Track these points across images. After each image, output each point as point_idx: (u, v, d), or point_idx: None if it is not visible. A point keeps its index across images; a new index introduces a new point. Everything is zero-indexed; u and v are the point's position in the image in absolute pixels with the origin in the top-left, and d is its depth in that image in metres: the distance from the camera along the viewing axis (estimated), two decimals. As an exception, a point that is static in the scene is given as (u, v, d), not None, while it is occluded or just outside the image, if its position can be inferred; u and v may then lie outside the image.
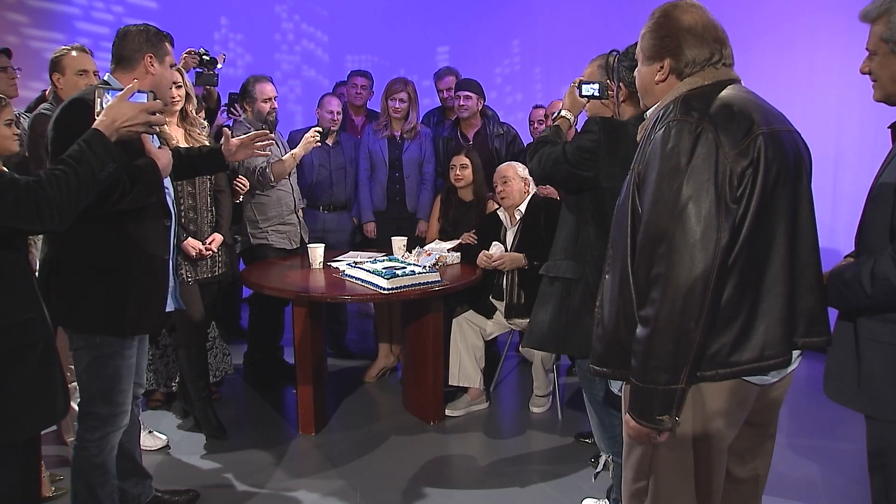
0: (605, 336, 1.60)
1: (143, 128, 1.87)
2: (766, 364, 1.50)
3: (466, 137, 4.37)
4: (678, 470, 1.57)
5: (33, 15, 4.89)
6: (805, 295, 1.57)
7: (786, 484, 2.89)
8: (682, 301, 1.41)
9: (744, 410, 1.59)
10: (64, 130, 2.03)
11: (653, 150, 1.50)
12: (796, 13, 4.51)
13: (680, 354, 1.43)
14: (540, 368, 3.60)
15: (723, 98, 1.52)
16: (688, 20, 1.58)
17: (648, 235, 1.47)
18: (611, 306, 1.58)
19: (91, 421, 2.24)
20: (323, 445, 3.30)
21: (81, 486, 2.26)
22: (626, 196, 1.57)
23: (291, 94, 6.29)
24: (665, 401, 1.46)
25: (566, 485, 2.92)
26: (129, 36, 2.21)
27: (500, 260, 3.57)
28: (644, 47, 1.65)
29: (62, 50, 2.94)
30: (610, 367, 1.60)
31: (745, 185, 1.45)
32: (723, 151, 1.44)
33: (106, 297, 2.16)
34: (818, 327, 1.60)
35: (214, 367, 3.62)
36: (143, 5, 5.56)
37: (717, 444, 1.56)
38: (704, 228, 1.40)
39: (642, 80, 1.69)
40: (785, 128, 1.57)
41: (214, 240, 3.21)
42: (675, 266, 1.41)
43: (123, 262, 2.18)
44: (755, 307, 1.49)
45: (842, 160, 4.43)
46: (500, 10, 5.97)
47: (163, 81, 2.28)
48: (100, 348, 2.19)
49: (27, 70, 4.49)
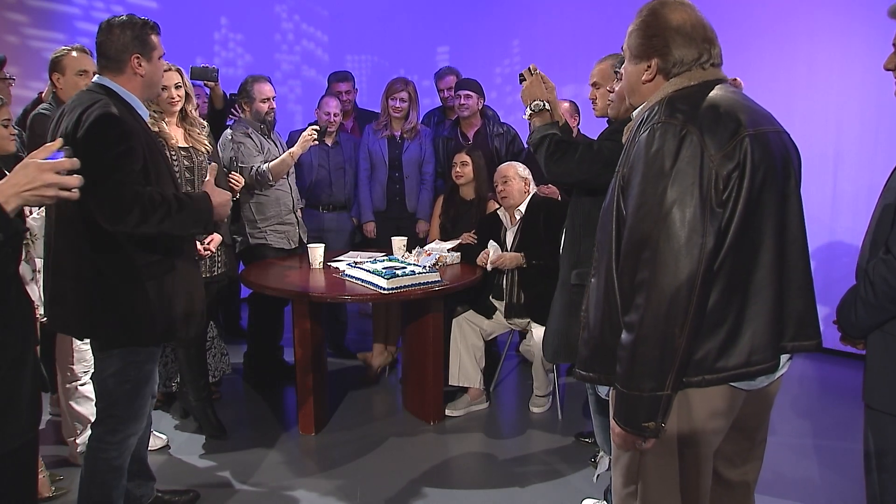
0: (591, 341, 1.58)
1: (52, 191, 1.47)
2: (754, 369, 1.48)
3: (466, 137, 4.37)
4: (665, 475, 1.55)
5: (33, 15, 4.88)
6: (794, 298, 1.54)
7: (786, 484, 2.89)
8: (666, 307, 1.38)
9: (731, 416, 1.57)
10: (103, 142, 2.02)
11: (637, 152, 1.48)
12: (796, 13, 4.51)
13: (665, 361, 1.41)
14: (540, 368, 3.60)
15: (709, 99, 1.49)
16: (676, 19, 1.55)
17: (633, 240, 1.44)
18: (596, 311, 1.56)
19: (113, 423, 2.23)
20: (323, 445, 3.30)
21: (95, 488, 2.25)
22: (611, 199, 1.55)
23: (291, 94, 6.29)
24: (650, 407, 1.44)
25: (566, 485, 2.92)
26: (113, 33, 2.16)
27: (499, 260, 3.57)
28: (631, 45, 1.62)
29: (62, 50, 2.93)
30: (596, 371, 1.58)
31: (731, 189, 1.42)
32: (708, 154, 1.41)
33: (149, 308, 2.15)
34: (807, 330, 1.57)
35: (213, 367, 3.62)
36: (143, 5, 5.56)
37: (704, 449, 1.55)
38: (689, 233, 1.38)
39: (628, 79, 1.65)
40: (773, 128, 1.54)
41: (213, 240, 3.21)
42: (659, 271, 1.39)
43: (164, 270, 2.18)
44: (742, 312, 1.47)
45: (842, 160, 4.43)
46: (500, 10, 5.97)
47: (153, 78, 2.25)
48: (135, 354, 2.19)
49: (27, 70, 4.50)
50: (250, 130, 3.77)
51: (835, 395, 3.97)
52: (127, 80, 2.19)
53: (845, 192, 4.37)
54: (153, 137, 2.25)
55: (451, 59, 6.09)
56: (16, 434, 1.69)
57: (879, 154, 4.17)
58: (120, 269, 2.12)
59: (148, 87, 2.25)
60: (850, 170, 4.36)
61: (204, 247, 3.16)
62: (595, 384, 1.62)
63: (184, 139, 3.16)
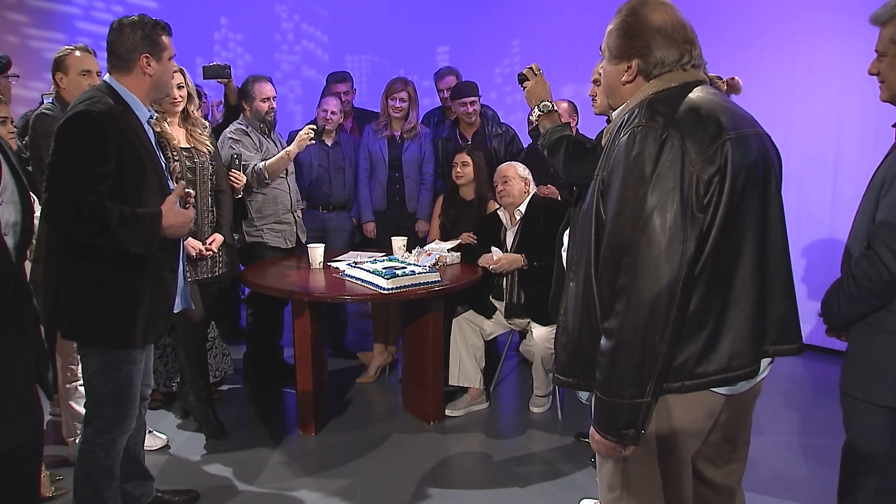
0: (570, 345, 1.56)
1: None
2: (734, 374, 1.47)
3: (465, 137, 4.37)
4: (648, 481, 1.54)
5: (33, 15, 4.89)
6: (775, 302, 1.53)
7: (786, 484, 2.89)
8: (646, 314, 1.36)
9: (710, 421, 1.55)
10: (66, 143, 2.03)
11: (617, 156, 1.45)
12: (796, 13, 4.51)
13: (645, 368, 1.39)
14: (540, 368, 3.60)
15: (689, 102, 1.46)
16: (657, 19, 1.52)
17: (612, 245, 1.42)
18: (574, 315, 1.54)
19: (99, 424, 2.23)
20: (323, 445, 3.30)
21: (86, 489, 2.26)
22: (591, 202, 1.53)
23: (291, 94, 6.30)
24: (630, 415, 1.42)
25: (566, 485, 2.92)
26: (124, 32, 2.16)
27: (497, 264, 3.56)
28: (611, 46, 1.59)
29: (65, 50, 2.93)
30: (574, 377, 1.56)
31: (711, 193, 1.40)
32: (689, 158, 1.38)
33: (116, 311, 2.16)
34: (789, 335, 1.56)
35: (214, 367, 3.62)
36: (143, 5, 5.56)
37: (683, 454, 1.54)
38: (670, 239, 1.36)
39: (608, 80, 1.63)
40: (753, 131, 1.52)
41: (215, 240, 3.21)
42: (639, 278, 1.37)
43: (132, 277, 2.17)
44: (722, 317, 1.45)
45: (842, 160, 4.43)
46: (500, 10, 5.97)
47: (162, 78, 2.25)
48: (111, 354, 2.19)
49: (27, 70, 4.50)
50: (249, 129, 3.78)
51: (828, 392, 3.96)
52: (134, 80, 2.19)
53: (845, 192, 4.37)
54: (144, 139, 2.20)
55: (451, 59, 6.09)
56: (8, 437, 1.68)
57: (879, 154, 4.10)
58: (93, 269, 2.13)
59: (156, 88, 2.25)
60: (850, 170, 4.36)
61: (206, 247, 3.16)
62: (574, 389, 1.60)
63: (186, 140, 3.17)
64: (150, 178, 2.19)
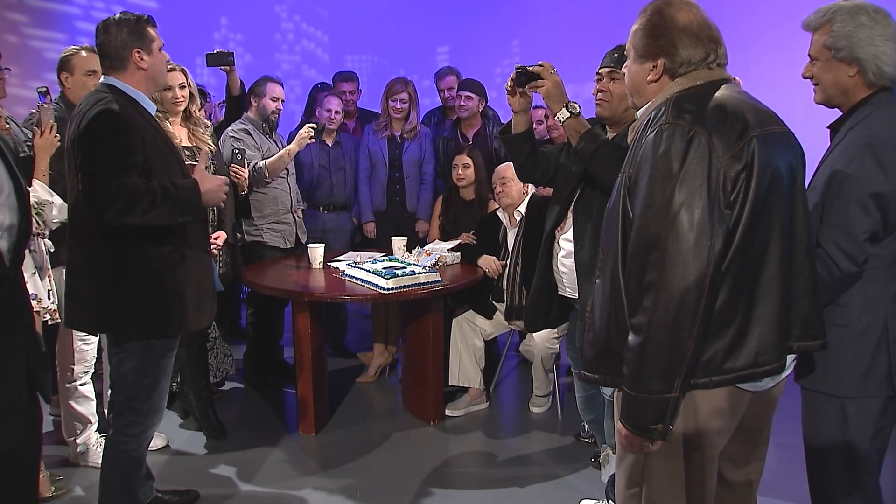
0: (596, 342, 1.57)
1: None
2: (761, 370, 1.48)
3: (466, 138, 4.37)
4: (670, 477, 1.55)
5: (33, 15, 4.89)
6: (800, 298, 1.55)
7: (786, 484, 2.89)
8: (674, 310, 1.38)
9: (736, 417, 1.57)
10: (95, 141, 2.06)
11: (644, 153, 1.47)
12: (796, 13, 4.50)
13: (673, 363, 1.40)
14: (540, 368, 3.60)
15: (716, 99, 1.49)
16: (683, 19, 1.54)
17: (640, 242, 1.43)
18: (601, 312, 1.55)
19: (132, 416, 2.27)
20: (323, 445, 3.30)
21: (115, 479, 2.31)
22: (617, 200, 1.54)
23: (291, 94, 6.28)
24: (658, 410, 1.43)
25: (566, 485, 2.92)
26: (111, 32, 2.19)
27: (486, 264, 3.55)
28: (636, 45, 1.61)
29: (71, 49, 2.92)
30: (601, 373, 1.57)
31: (738, 190, 1.42)
32: (716, 155, 1.40)
33: (164, 299, 2.18)
34: (813, 330, 1.59)
35: (215, 367, 3.62)
36: (143, 5, 5.56)
37: (710, 451, 1.54)
38: (697, 235, 1.37)
39: (633, 79, 1.64)
40: (779, 129, 1.54)
41: (219, 236, 3.22)
42: (667, 274, 1.38)
43: (172, 262, 2.20)
44: (749, 313, 1.47)
45: (842, 160, 4.42)
46: (500, 10, 5.97)
47: (157, 69, 2.28)
48: (153, 349, 2.22)
49: (27, 70, 4.50)
50: (251, 128, 3.78)
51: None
52: (131, 76, 2.22)
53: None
54: (160, 131, 2.27)
55: (451, 59, 6.09)
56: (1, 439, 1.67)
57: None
58: (131, 261, 2.16)
59: (152, 80, 2.28)
60: (849, 170, 4.35)
61: (212, 243, 3.17)
62: (600, 386, 1.61)
63: (188, 139, 3.18)
64: (172, 166, 2.23)
